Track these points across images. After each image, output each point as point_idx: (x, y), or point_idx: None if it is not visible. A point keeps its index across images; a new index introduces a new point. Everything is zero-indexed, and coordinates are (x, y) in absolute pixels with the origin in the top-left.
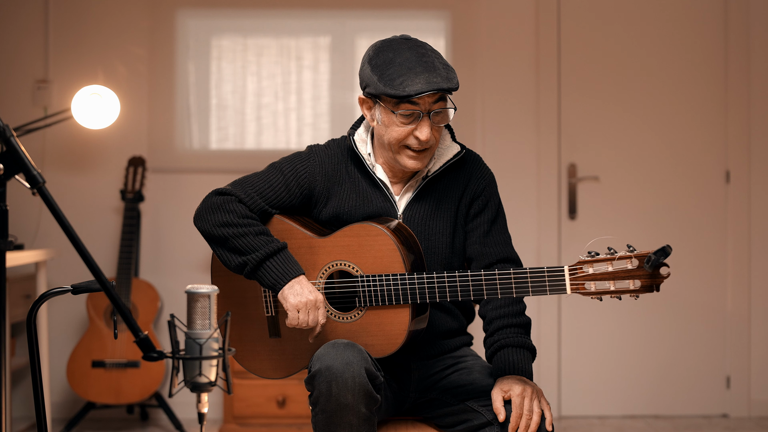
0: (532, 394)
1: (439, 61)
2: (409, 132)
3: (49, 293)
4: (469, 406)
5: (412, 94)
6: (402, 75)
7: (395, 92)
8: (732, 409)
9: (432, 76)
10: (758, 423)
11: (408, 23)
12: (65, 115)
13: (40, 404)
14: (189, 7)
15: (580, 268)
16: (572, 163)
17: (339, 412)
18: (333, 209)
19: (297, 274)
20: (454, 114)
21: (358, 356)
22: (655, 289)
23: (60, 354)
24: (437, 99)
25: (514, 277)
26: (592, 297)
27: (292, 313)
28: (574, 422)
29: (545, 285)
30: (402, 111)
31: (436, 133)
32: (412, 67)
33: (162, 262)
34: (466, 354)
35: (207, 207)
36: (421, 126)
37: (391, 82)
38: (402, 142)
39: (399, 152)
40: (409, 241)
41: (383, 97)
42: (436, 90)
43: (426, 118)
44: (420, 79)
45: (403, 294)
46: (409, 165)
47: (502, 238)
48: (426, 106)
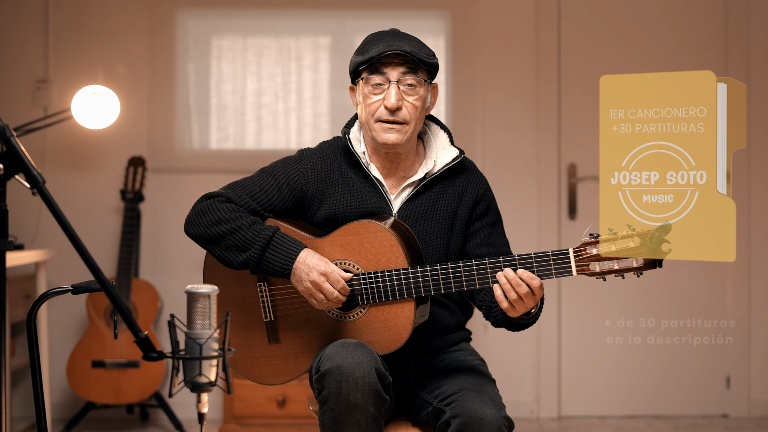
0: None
1: (415, 39)
2: (380, 103)
3: (49, 293)
4: (422, 397)
5: (374, 56)
6: (369, 44)
7: (361, 58)
8: (732, 409)
9: (395, 41)
10: (758, 423)
11: (408, 23)
12: (65, 115)
13: (40, 404)
14: (189, 7)
15: (584, 249)
16: (572, 163)
17: (348, 412)
18: (328, 210)
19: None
20: (429, 94)
21: (369, 356)
22: (658, 265)
23: (60, 354)
24: (406, 70)
25: (519, 262)
26: (597, 277)
27: (310, 300)
28: (574, 422)
29: (551, 268)
30: (371, 80)
31: (411, 108)
32: (380, 39)
33: (162, 262)
34: (462, 348)
35: (196, 212)
36: (387, 94)
37: (359, 51)
38: (375, 115)
39: (374, 127)
40: (408, 236)
41: (360, 74)
42: (397, 50)
43: (394, 86)
44: (384, 43)
45: (407, 288)
46: (385, 138)
47: (502, 241)
48: (395, 75)
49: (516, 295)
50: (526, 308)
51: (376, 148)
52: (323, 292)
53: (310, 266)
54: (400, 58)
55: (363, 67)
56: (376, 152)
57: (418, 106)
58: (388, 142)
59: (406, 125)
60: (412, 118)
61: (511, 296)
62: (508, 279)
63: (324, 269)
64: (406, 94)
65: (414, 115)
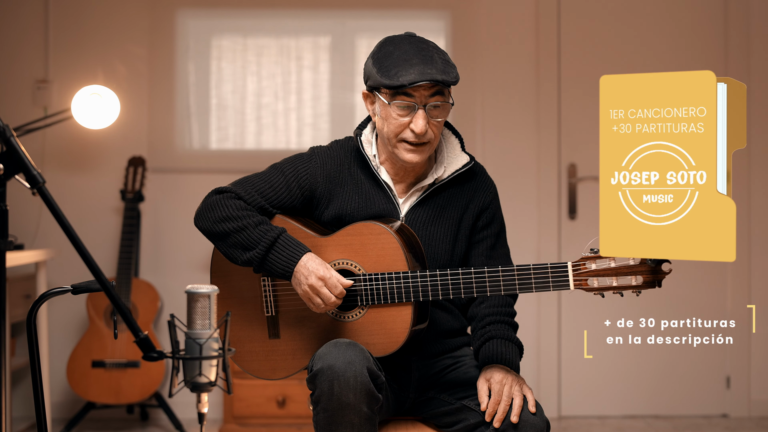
0: (513, 381)
1: (439, 56)
2: (405, 125)
3: (49, 293)
4: (466, 404)
5: (406, 84)
6: (398, 66)
7: (390, 82)
8: (732, 409)
9: (427, 68)
10: (758, 423)
11: (408, 23)
12: (65, 115)
13: (40, 404)
14: (189, 7)
15: (583, 264)
16: (572, 163)
17: (341, 411)
18: (335, 210)
19: (298, 257)
20: (451, 109)
21: (360, 355)
22: (657, 284)
23: (60, 354)
24: (434, 93)
25: (517, 274)
26: (594, 293)
27: (308, 303)
28: (574, 422)
29: (548, 281)
30: (397, 102)
31: (435, 128)
32: (408, 59)
33: (162, 262)
34: (466, 354)
35: (206, 206)
36: (416, 118)
37: (387, 73)
38: (399, 136)
39: (397, 146)
40: (412, 241)
41: (381, 90)
42: (430, 80)
43: (421, 110)
44: (415, 69)
45: (406, 292)
46: (408, 158)
47: (504, 252)
48: (422, 99)
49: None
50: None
51: (394, 161)
52: (321, 297)
53: (310, 270)
54: (429, 82)
55: (389, 88)
56: (390, 161)
57: (441, 126)
58: (411, 162)
59: (429, 144)
60: (435, 136)
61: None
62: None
63: (322, 274)
64: (432, 116)
65: (437, 134)
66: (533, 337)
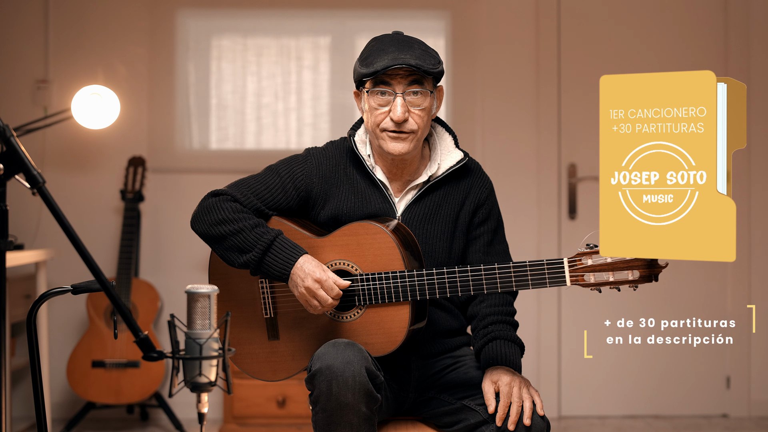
0: (521, 384)
1: (420, 46)
2: (385, 114)
3: (49, 293)
4: (466, 404)
5: (380, 70)
6: (374, 55)
7: (366, 70)
8: (732, 409)
9: (401, 54)
10: (758, 423)
11: (408, 23)
12: (65, 115)
13: (40, 404)
14: (189, 7)
15: (579, 260)
16: (572, 163)
17: (339, 411)
18: (331, 211)
19: (295, 260)
20: (434, 100)
21: (359, 355)
22: (654, 279)
23: (60, 354)
24: (411, 81)
25: (514, 271)
26: (591, 288)
27: (305, 305)
28: (574, 422)
29: (545, 277)
30: (376, 90)
31: (417, 118)
32: (385, 48)
33: (162, 262)
34: (466, 354)
35: (202, 209)
36: (394, 106)
37: (364, 62)
38: (380, 125)
39: (381, 137)
40: (408, 240)
41: (365, 83)
42: (403, 64)
43: (399, 98)
44: (389, 56)
45: (403, 291)
46: (391, 148)
47: (502, 248)
48: (400, 87)
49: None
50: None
51: (383, 154)
52: (317, 299)
53: (306, 272)
54: (406, 69)
55: (367, 78)
56: (382, 157)
57: (423, 116)
58: (394, 152)
59: (413, 134)
60: (418, 127)
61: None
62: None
63: (319, 276)
64: (412, 105)
65: (420, 124)
66: (533, 337)
